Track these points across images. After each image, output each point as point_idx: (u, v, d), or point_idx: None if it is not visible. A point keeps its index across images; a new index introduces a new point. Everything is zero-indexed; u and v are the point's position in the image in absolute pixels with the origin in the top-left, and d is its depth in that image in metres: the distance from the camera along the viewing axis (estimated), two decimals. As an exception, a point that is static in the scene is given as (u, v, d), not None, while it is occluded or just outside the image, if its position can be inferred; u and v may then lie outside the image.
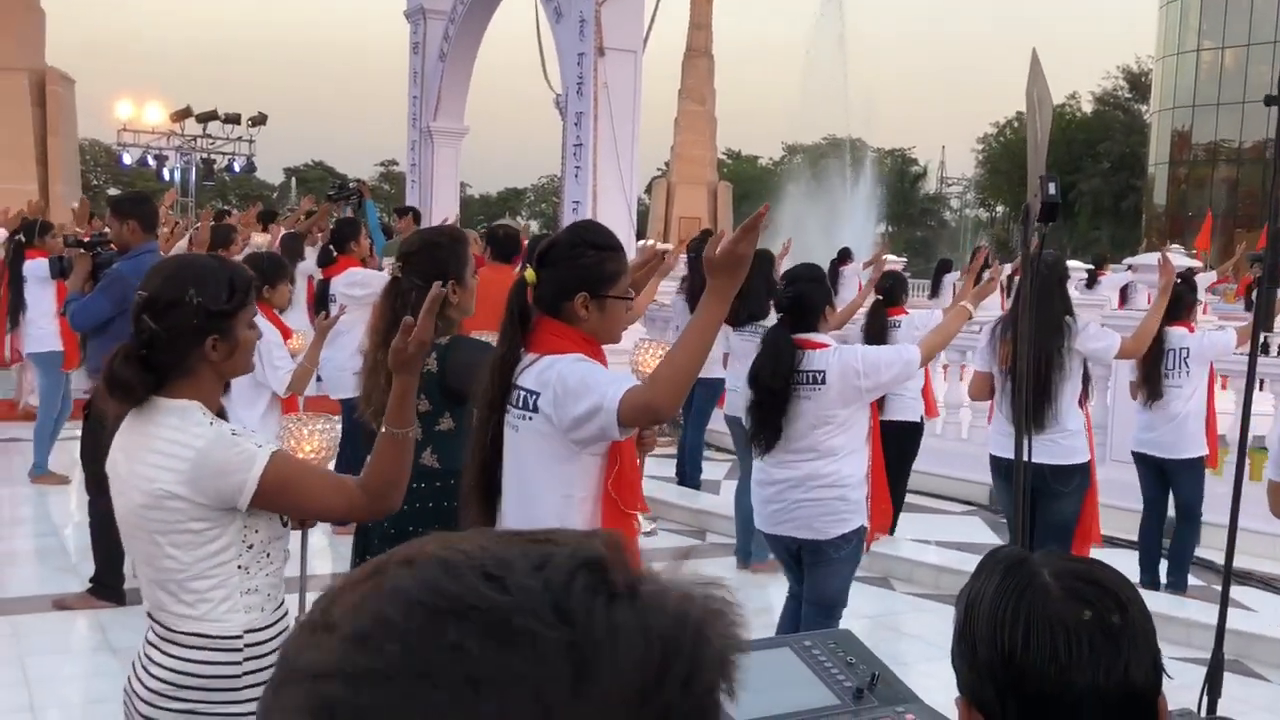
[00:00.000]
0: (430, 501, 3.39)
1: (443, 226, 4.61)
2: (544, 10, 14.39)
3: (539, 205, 75.35)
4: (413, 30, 17.46)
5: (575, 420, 2.68)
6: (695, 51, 36.76)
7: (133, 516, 2.38)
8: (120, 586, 6.00)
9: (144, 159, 28.87)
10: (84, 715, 4.94)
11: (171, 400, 2.37)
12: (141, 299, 2.39)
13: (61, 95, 22.48)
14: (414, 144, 17.39)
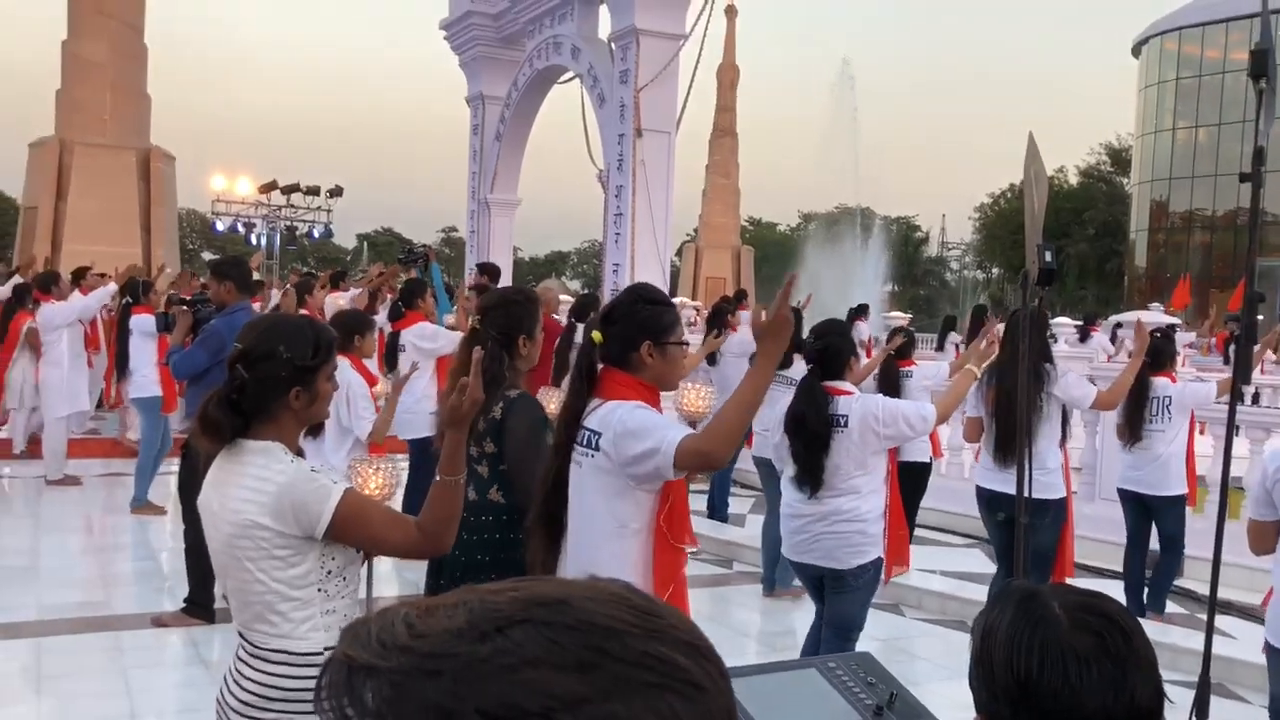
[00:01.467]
0: (496, 533, 3.41)
1: (519, 287, 4.69)
2: (589, 96, 14.58)
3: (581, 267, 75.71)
4: (473, 114, 17.71)
5: (634, 458, 2.71)
6: (721, 131, 37.02)
7: (224, 545, 2.39)
8: (211, 606, 6.01)
9: (234, 226, 29.22)
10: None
11: (256, 441, 2.40)
12: (238, 350, 2.43)
13: (163, 170, 22.79)
14: (473, 213, 17.56)
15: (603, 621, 0.59)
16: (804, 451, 4.47)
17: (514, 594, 0.61)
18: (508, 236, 17.49)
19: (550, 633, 0.58)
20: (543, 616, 0.59)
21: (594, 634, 0.59)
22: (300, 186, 27.69)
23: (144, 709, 4.88)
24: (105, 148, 21.41)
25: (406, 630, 0.59)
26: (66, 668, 5.33)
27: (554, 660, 0.57)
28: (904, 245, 60.79)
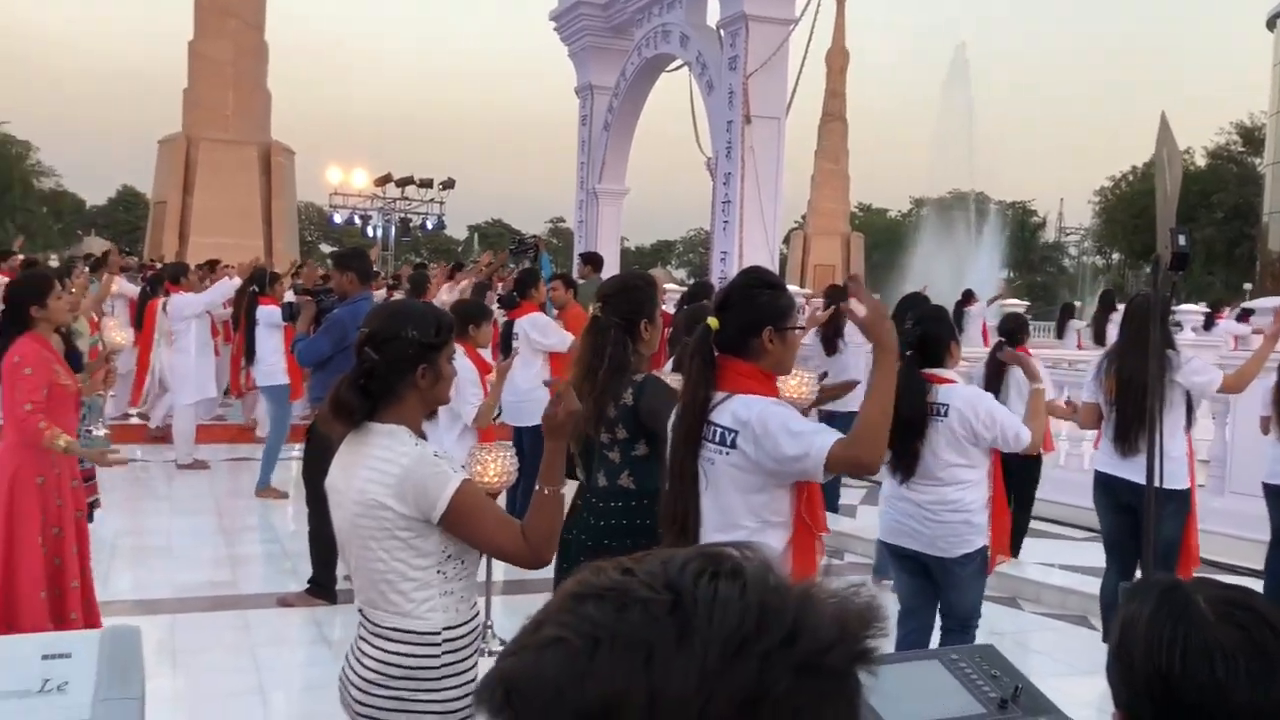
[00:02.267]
0: (625, 519, 3.45)
1: (637, 272, 4.73)
2: (697, 84, 14.54)
3: (687, 255, 75.64)
4: (581, 104, 17.83)
5: (781, 461, 2.68)
6: (831, 116, 36.58)
7: (348, 525, 2.46)
8: (333, 587, 6.20)
9: (351, 218, 30.00)
10: (302, 699, 5.09)
11: (383, 424, 2.47)
12: (364, 334, 2.51)
13: (283, 165, 23.53)
14: (581, 203, 17.70)
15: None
16: (896, 439, 4.40)
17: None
18: (616, 226, 17.59)
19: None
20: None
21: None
22: (414, 179, 28.27)
23: (271, 684, 5.06)
24: (228, 143, 22.20)
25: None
26: (198, 643, 5.56)
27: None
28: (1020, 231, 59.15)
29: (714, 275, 12.26)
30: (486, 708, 0.67)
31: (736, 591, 0.67)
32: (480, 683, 0.69)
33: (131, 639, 1.31)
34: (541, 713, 0.65)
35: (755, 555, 0.71)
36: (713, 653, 0.64)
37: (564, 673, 0.65)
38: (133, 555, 7.05)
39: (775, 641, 0.65)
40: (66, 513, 4.62)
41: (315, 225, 59.67)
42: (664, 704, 0.63)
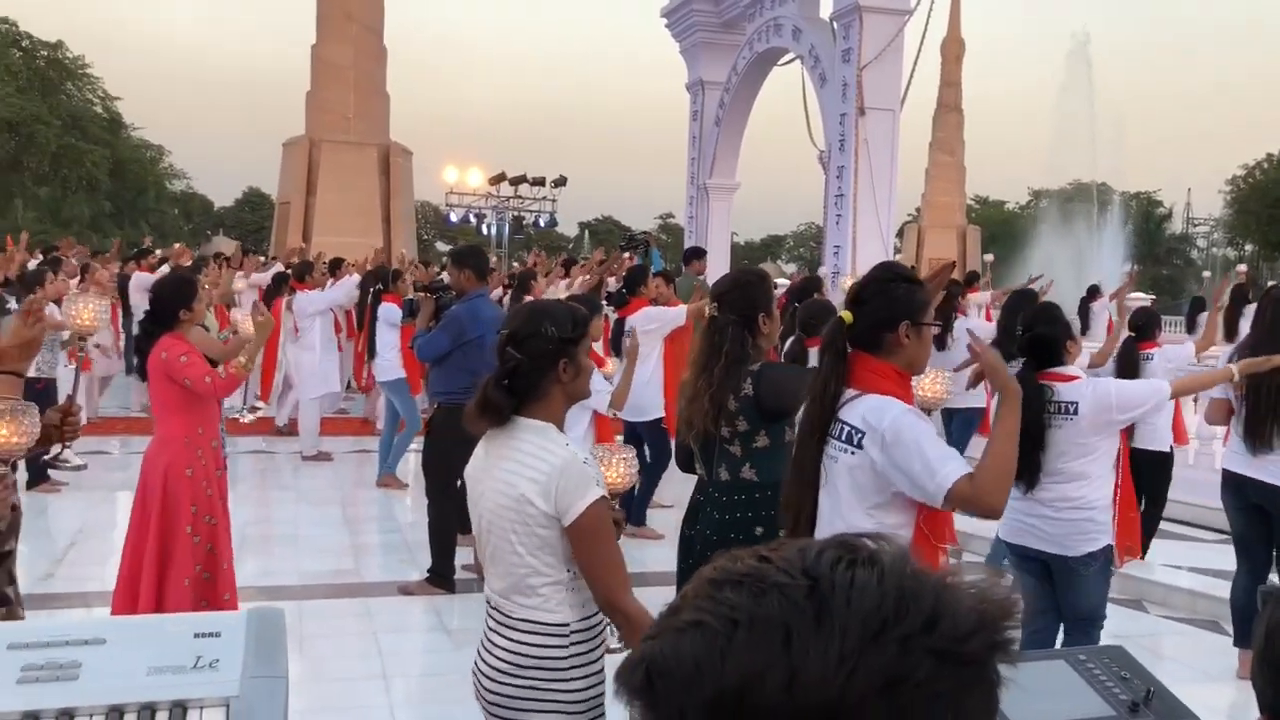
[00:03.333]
0: (750, 511, 3.45)
1: (750, 267, 4.72)
2: (809, 77, 14.42)
3: (798, 250, 74.94)
4: (692, 100, 17.84)
5: (902, 475, 2.62)
6: (946, 106, 35.82)
7: (490, 516, 2.51)
8: (452, 578, 6.34)
9: (466, 217, 30.59)
10: (422, 686, 5.21)
11: (530, 420, 2.51)
12: (505, 335, 2.56)
13: (401, 165, 24.07)
14: (691, 199, 17.72)
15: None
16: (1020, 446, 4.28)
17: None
18: (726, 221, 17.56)
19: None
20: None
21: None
22: (527, 177, 28.65)
23: (393, 670, 5.20)
24: (349, 145, 22.80)
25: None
26: (323, 629, 5.74)
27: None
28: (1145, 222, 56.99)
29: (826, 269, 12.14)
30: (627, 688, 0.70)
31: (874, 577, 0.68)
32: (621, 665, 0.72)
33: (276, 620, 1.37)
34: (682, 691, 0.67)
35: (891, 545, 0.72)
36: (851, 635, 0.65)
37: (703, 653, 0.67)
38: (260, 543, 7.32)
39: (914, 627, 0.66)
40: (215, 500, 4.86)
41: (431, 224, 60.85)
42: (803, 683, 0.65)
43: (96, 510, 7.91)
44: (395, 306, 9.42)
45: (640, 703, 0.69)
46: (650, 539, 7.18)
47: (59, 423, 2.92)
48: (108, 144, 38.33)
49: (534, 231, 34.61)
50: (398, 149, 23.95)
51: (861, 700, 0.65)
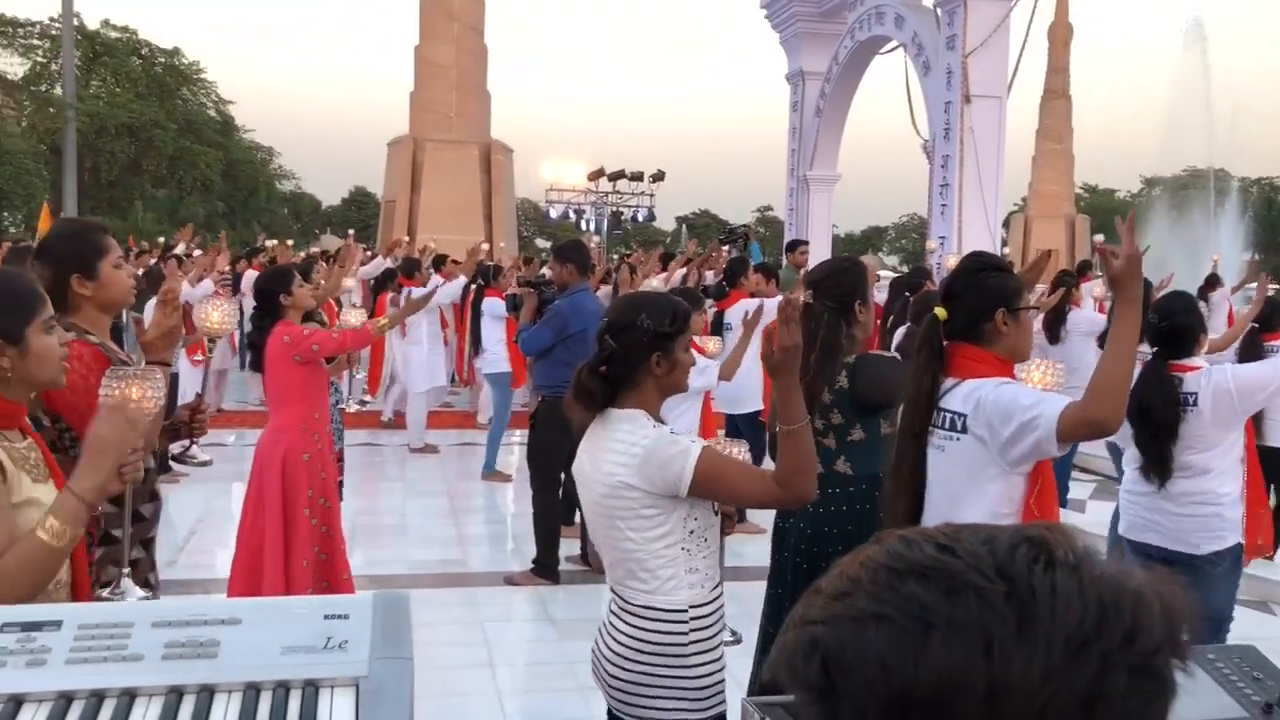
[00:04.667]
0: (844, 505, 3.42)
1: (844, 255, 4.69)
2: (913, 65, 14.19)
3: (899, 241, 73.80)
4: (792, 91, 17.70)
5: (1010, 437, 2.60)
6: (1053, 93, 34.92)
7: (596, 506, 2.57)
8: (556, 568, 6.42)
9: (565, 213, 30.93)
10: (528, 674, 5.29)
11: (623, 410, 2.56)
12: (605, 324, 2.63)
13: (502, 162, 24.40)
14: (791, 191, 17.59)
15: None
16: (1151, 442, 4.15)
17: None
18: (826, 213, 17.38)
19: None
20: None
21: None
22: (625, 173, 28.81)
23: (499, 659, 5.29)
24: (452, 143, 23.20)
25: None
26: (432, 618, 5.86)
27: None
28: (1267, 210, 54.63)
29: (932, 260, 11.94)
30: (799, 677, 0.68)
31: (1075, 585, 0.66)
32: (787, 649, 0.69)
33: (402, 604, 1.41)
34: (865, 689, 0.65)
35: (1070, 539, 0.69)
36: (1056, 648, 0.63)
37: (891, 653, 0.64)
38: (369, 533, 7.50)
39: (1115, 641, 0.64)
40: (330, 484, 5.03)
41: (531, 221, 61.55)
42: (1004, 695, 0.63)
43: (215, 500, 8.20)
44: (499, 301, 9.56)
45: (812, 693, 0.67)
46: (751, 533, 7.16)
47: (188, 419, 3.06)
48: (221, 146, 39.64)
49: (631, 226, 34.75)
50: (498, 146, 24.29)
51: (1060, 717, 0.63)
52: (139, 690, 1.34)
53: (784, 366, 2.44)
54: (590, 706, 4.28)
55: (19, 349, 2.06)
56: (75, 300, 2.73)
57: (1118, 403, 2.54)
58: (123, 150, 36.37)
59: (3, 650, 1.37)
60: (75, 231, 2.89)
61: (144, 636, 1.39)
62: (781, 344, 2.42)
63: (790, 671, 0.68)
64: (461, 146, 23.13)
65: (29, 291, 2.15)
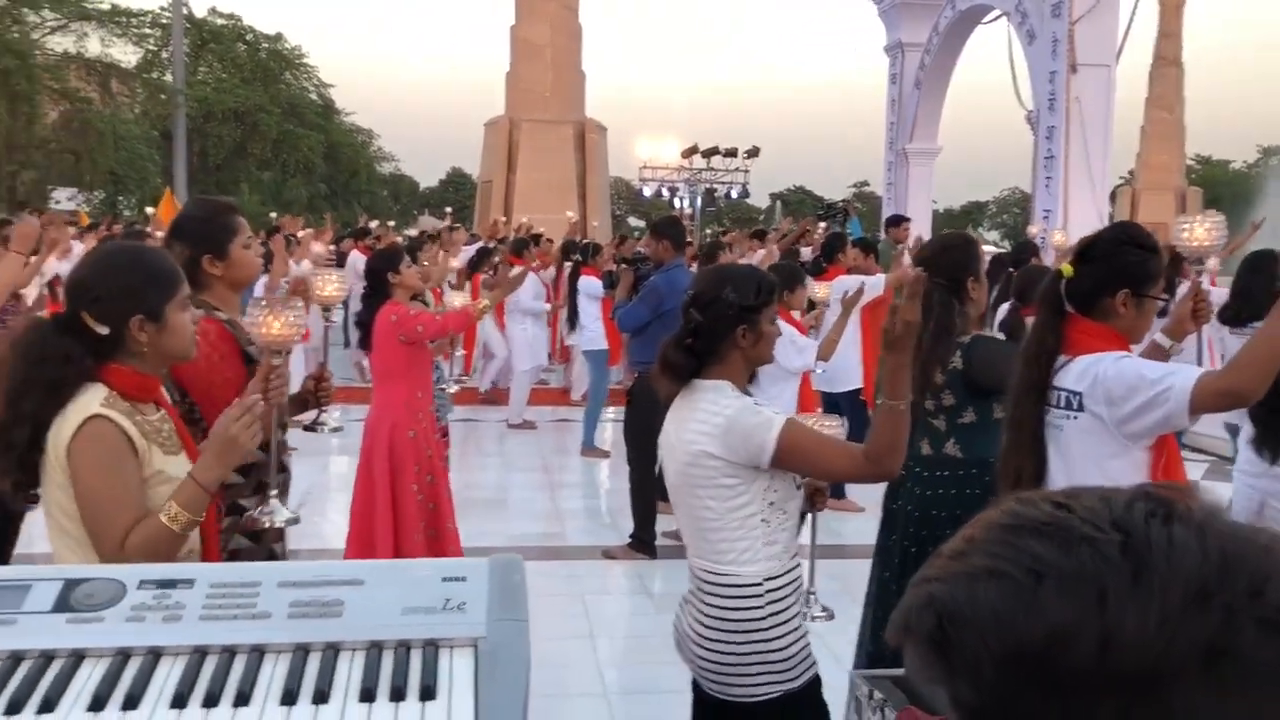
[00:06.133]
0: (954, 488, 3.36)
1: (955, 231, 4.59)
2: (1016, 34, 13.81)
3: (1000, 217, 72.07)
4: (891, 63, 17.40)
5: (1135, 411, 2.50)
6: (1164, 60, 33.62)
7: (678, 475, 2.58)
8: (653, 543, 6.46)
9: (659, 191, 30.88)
10: (625, 646, 5.33)
11: (708, 380, 2.57)
12: (690, 296, 2.63)
13: (597, 141, 24.50)
14: (890, 165, 17.32)
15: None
16: (1269, 415, 3.99)
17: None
18: (927, 187, 17.09)
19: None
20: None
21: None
22: (719, 149, 28.63)
23: (599, 631, 5.35)
24: (547, 123, 23.35)
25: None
26: (532, 589, 5.88)
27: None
28: (1394, 178, 52.03)
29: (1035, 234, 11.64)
30: (914, 633, 0.68)
31: (1193, 536, 0.64)
32: (904, 606, 0.70)
33: (517, 567, 1.44)
34: (978, 642, 0.65)
35: (1193, 496, 0.68)
36: (1172, 597, 0.62)
37: (1005, 605, 0.64)
38: (470, 507, 7.62)
39: (1240, 593, 0.62)
40: (436, 461, 5.15)
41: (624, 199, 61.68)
42: (1118, 645, 0.62)
43: (323, 474, 8.44)
44: (595, 279, 9.63)
45: (927, 649, 0.67)
46: (850, 511, 7.11)
47: (313, 389, 3.16)
48: (322, 129, 40.50)
49: (725, 203, 34.56)
50: (593, 125, 24.36)
51: (1179, 670, 0.61)
52: (268, 646, 1.40)
53: (901, 342, 2.40)
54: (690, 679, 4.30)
55: (157, 325, 2.15)
56: (206, 279, 2.82)
57: (1262, 375, 2.42)
58: (229, 134, 37.42)
59: (141, 606, 1.44)
60: (207, 213, 2.97)
61: (271, 595, 1.45)
62: (903, 317, 2.37)
63: (905, 627, 0.69)
64: (556, 126, 23.27)
65: (170, 270, 2.24)
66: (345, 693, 1.32)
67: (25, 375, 2.05)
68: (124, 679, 1.35)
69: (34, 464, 2.06)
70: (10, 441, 2.04)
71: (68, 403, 2.06)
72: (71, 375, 2.07)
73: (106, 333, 2.10)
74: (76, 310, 2.12)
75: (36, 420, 2.04)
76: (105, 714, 1.30)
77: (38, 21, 31.20)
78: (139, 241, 5.06)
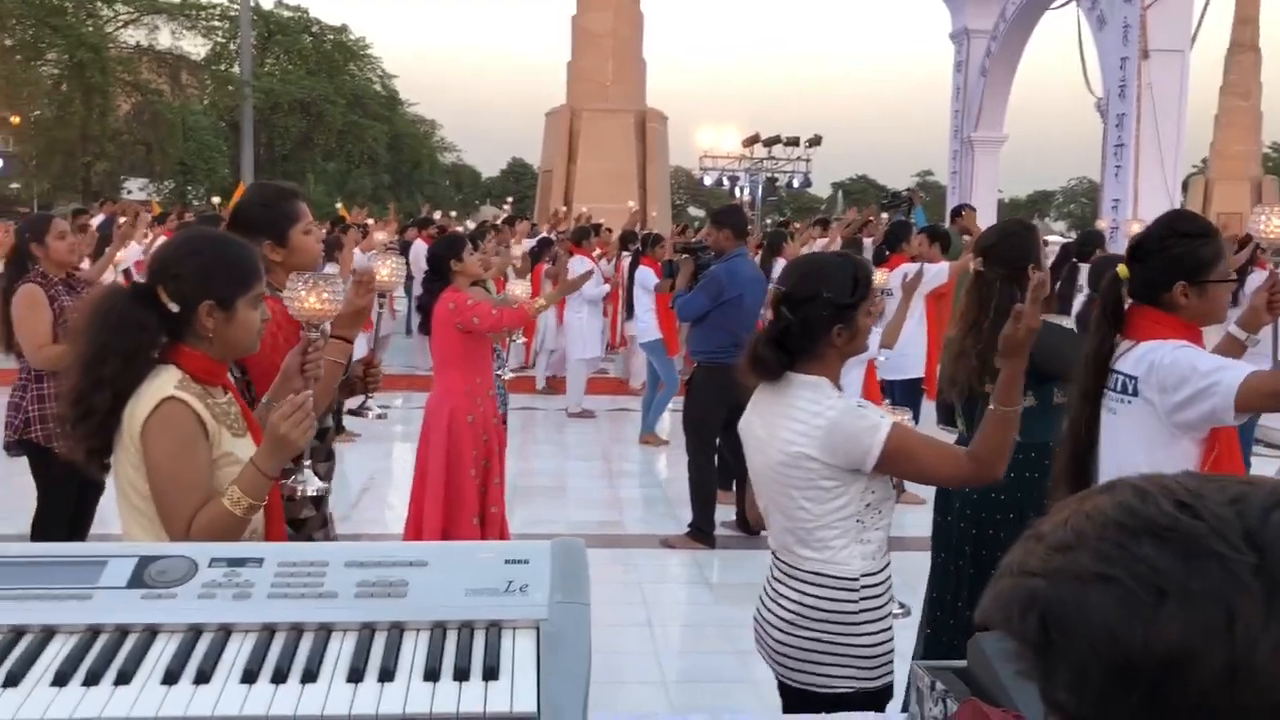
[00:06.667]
0: (1011, 471, 3.32)
1: (1015, 219, 4.52)
2: (1086, 20, 13.55)
3: (1067, 206, 70.85)
4: (957, 50, 17.17)
5: (1183, 402, 2.49)
6: (1240, 46, 32.73)
7: (770, 472, 2.52)
8: (712, 533, 6.45)
9: (719, 180, 30.76)
10: (683, 635, 5.34)
11: (804, 376, 2.49)
12: (780, 293, 2.52)
13: (657, 130, 24.46)
14: (955, 154, 17.10)
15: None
16: None
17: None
18: (992, 176, 16.85)
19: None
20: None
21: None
22: (781, 138, 28.46)
23: (657, 620, 5.36)
24: (608, 112, 23.36)
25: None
26: (591, 576, 5.98)
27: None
28: None
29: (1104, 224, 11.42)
30: (1015, 629, 0.65)
31: None
32: (1003, 598, 0.66)
33: (578, 551, 1.45)
34: (1087, 652, 0.61)
35: None
36: None
37: (1119, 617, 0.61)
38: (529, 494, 7.70)
39: None
40: (491, 447, 5.20)
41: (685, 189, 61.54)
42: (1246, 677, 0.58)
43: (385, 460, 8.56)
44: (652, 271, 9.63)
45: (1026, 647, 0.64)
46: (912, 504, 7.04)
47: (362, 374, 3.19)
48: (386, 120, 40.96)
49: (786, 193, 34.32)
50: (654, 114, 24.33)
51: None
52: (334, 625, 1.42)
53: (1021, 349, 2.37)
54: (749, 669, 4.30)
55: (225, 314, 2.18)
56: (267, 265, 2.86)
57: None
58: (295, 125, 37.98)
59: (212, 583, 1.48)
60: (268, 199, 2.99)
61: (338, 575, 1.48)
62: (1027, 324, 2.34)
63: (1005, 622, 0.65)
64: (617, 115, 23.28)
65: (249, 265, 2.27)
66: (410, 671, 1.34)
67: (103, 341, 2.08)
68: (196, 654, 1.38)
69: (110, 431, 2.10)
70: (91, 407, 2.07)
71: (144, 374, 2.10)
72: (146, 345, 2.11)
73: (176, 311, 2.14)
74: (154, 284, 2.16)
75: (116, 387, 2.07)
76: (179, 687, 1.33)
77: (111, 15, 31.92)
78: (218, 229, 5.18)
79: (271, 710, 1.29)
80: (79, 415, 2.09)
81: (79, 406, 2.09)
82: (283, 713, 1.29)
